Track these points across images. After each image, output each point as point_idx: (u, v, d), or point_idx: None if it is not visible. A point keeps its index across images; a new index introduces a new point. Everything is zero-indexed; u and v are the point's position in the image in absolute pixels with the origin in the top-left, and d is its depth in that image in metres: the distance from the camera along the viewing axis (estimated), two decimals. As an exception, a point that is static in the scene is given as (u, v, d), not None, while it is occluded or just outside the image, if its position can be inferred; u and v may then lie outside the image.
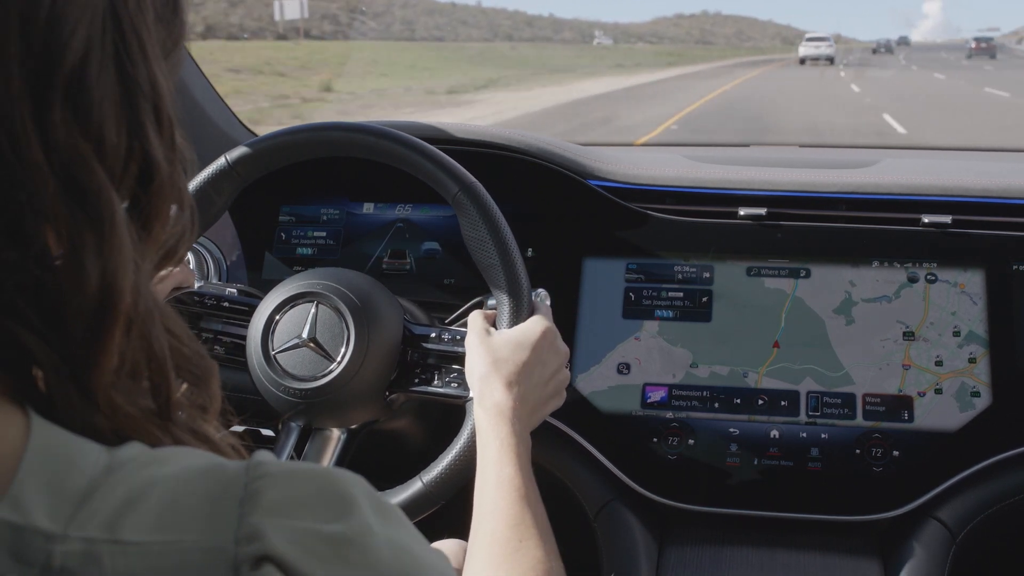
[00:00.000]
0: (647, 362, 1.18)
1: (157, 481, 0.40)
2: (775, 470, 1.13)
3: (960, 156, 1.88)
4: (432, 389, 1.03)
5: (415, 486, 0.98)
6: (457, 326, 1.06)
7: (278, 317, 1.03)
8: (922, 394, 1.13)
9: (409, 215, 1.31)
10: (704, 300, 1.20)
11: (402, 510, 0.76)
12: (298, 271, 1.17)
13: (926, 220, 1.20)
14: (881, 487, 1.11)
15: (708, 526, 1.15)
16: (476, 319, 0.98)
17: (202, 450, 0.46)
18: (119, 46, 0.43)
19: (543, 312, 0.99)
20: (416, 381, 1.04)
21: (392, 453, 1.24)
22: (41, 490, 0.38)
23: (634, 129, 12.50)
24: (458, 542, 1.07)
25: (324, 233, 1.32)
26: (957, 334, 1.15)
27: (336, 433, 1.05)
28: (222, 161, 1.08)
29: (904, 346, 1.15)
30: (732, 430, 1.15)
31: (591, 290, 1.22)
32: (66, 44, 0.41)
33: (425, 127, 1.30)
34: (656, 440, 1.15)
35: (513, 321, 0.98)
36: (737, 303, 1.19)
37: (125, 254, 0.42)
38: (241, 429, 1.12)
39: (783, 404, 1.15)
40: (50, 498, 0.38)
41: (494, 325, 0.99)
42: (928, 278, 1.17)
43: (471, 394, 0.96)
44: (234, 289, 1.13)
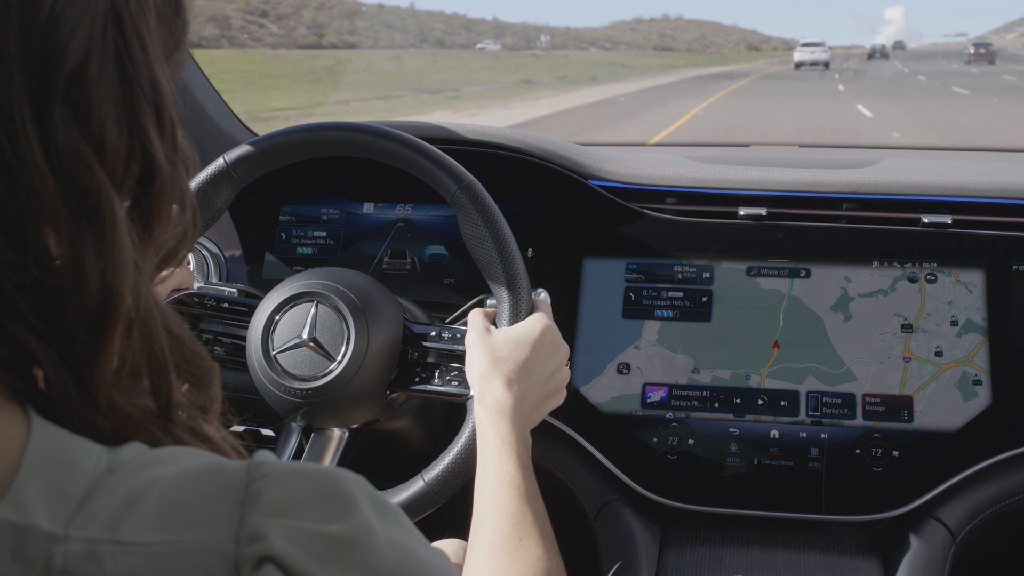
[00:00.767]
0: (648, 370, 1.18)
1: (158, 481, 0.40)
2: (775, 470, 1.13)
3: (960, 156, 1.88)
4: (432, 388, 1.03)
5: (416, 485, 0.98)
6: (457, 325, 1.06)
7: (278, 317, 1.03)
8: (924, 386, 1.13)
9: (409, 215, 1.31)
10: (704, 300, 1.20)
11: (404, 509, 0.76)
12: (298, 271, 1.17)
13: (926, 220, 1.19)
14: (881, 487, 1.11)
15: (708, 526, 1.15)
16: (476, 317, 0.98)
17: (203, 450, 0.46)
18: (120, 47, 0.43)
19: (543, 310, 0.99)
20: (416, 380, 1.03)
21: (393, 452, 1.24)
22: (42, 490, 0.38)
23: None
24: (458, 541, 1.07)
25: (324, 233, 1.32)
26: (955, 323, 1.15)
27: (337, 433, 1.05)
28: (220, 162, 1.08)
29: (903, 339, 1.15)
30: (732, 430, 1.15)
31: (591, 290, 1.22)
32: (66, 45, 0.40)
33: (425, 127, 1.30)
34: (656, 440, 1.15)
35: (513, 319, 0.98)
36: (737, 303, 1.19)
37: (126, 255, 0.42)
38: (241, 429, 1.12)
39: (783, 404, 1.15)
40: (51, 498, 0.38)
41: (494, 323, 0.99)
42: (928, 278, 1.17)
43: (471, 392, 0.96)
44: (234, 290, 1.13)
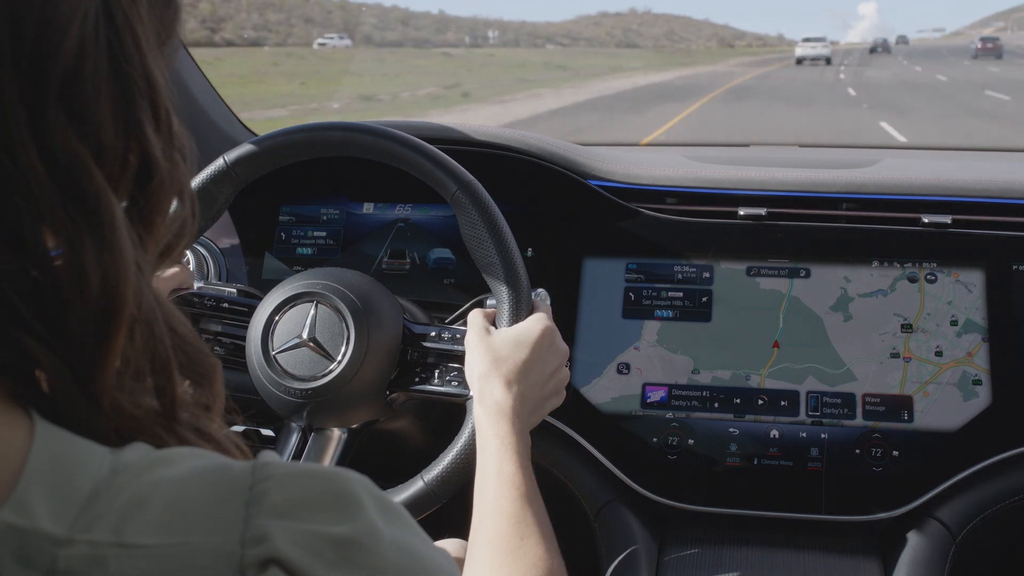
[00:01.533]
0: (648, 370, 1.18)
1: (162, 483, 0.40)
2: (775, 470, 1.13)
3: (960, 156, 1.88)
4: (432, 388, 1.03)
5: (416, 485, 0.98)
6: (457, 325, 1.06)
7: (278, 317, 1.02)
8: (925, 386, 1.13)
9: (409, 215, 1.31)
10: (704, 300, 1.20)
11: (404, 510, 0.75)
12: (298, 271, 1.17)
13: (926, 220, 1.19)
14: (881, 487, 1.11)
15: (708, 526, 1.15)
16: (476, 318, 0.98)
17: (207, 450, 0.45)
18: (113, 43, 0.42)
19: (543, 311, 0.99)
20: (416, 380, 1.03)
21: (393, 452, 1.24)
22: (46, 493, 0.38)
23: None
24: (459, 541, 1.07)
25: (324, 233, 1.32)
26: (955, 323, 1.15)
27: (337, 433, 1.05)
28: (220, 162, 1.08)
29: (903, 339, 1.15)
30: (732, 430, 1.15)
31: (591, 290, 1.22)
32: (59, 45, 0.40)
33: (425, 127, 1.30)
34: (656, 440, 1.15)
35: (513, 319, 0.98)
36: (737, 303, 1.19)
37: (126, 256, 0.42)
38: (242, 429, 1.11)
39: (783, 404, 1.15)
40: (55, 501, 0.38)
41: (494, 324, 0.99)
42: (928, 278, 1.17)
43: (471, 393, 0.96)
44: (234, 290, 1.12)
